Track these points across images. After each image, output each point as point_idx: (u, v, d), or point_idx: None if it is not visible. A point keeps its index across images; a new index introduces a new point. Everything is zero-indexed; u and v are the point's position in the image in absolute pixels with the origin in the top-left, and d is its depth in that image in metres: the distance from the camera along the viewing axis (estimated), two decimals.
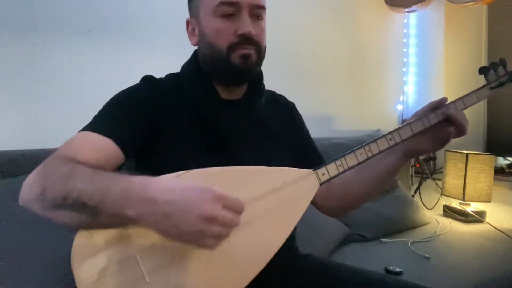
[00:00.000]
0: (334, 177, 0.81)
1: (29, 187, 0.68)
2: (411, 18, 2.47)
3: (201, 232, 0.58)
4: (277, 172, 0.78)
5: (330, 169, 0.81)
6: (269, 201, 0.74)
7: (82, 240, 0.66)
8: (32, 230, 1.00)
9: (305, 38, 2.09)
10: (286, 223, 0.75)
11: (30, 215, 0.67)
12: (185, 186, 0.61)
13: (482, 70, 0.89)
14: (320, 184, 0.80)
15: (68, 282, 0.65)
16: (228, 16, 0.81)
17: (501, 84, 0.88)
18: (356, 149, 0.82)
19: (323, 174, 0.80)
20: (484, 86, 0.89)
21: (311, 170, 0.80)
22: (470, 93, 0.88)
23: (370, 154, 0.82)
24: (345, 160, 0.81)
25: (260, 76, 0.94)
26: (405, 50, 2.48)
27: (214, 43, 0.83)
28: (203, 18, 0.84)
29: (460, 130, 0.85)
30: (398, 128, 0.84)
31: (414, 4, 2.18)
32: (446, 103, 0.87)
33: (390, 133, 0.84)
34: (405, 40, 2.48)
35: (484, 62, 2.42)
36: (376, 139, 0.83)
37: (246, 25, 0.81)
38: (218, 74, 0.87)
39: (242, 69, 0.83)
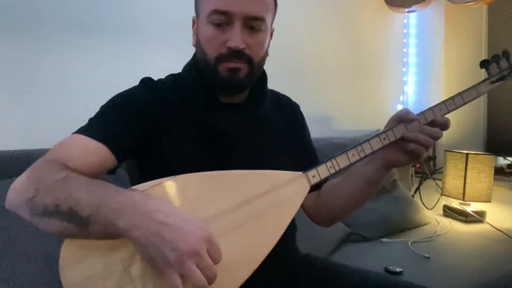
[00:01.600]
0: (325, 179, 0.80)
1: (18, 191, 0.66)
2: (411, 18, 2.47)
3: (180, 262, 0.58)
4: (266, 175, 0.77)
5: (321, 171, 0.79)
6: (258, 205, 0.73)
7: (70, 245, 0.66)
8: (28, 231, 1.00)
9: (305, 38, 2.09)
10: (275, 226, 0.74)
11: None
12: (184, 216, 0.62)
13: (484, 64, 0.85)
14: (311, 186, 0.79)
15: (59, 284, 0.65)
16: (220, 25, 0.79)
17: (503, 78, 0.84)
18: (348, 149, 0.80)
19: (313, 176, 0.79)
20: (485, 80, 0.85)
21: (301, 172, 0.79)
22: (470, 88, 0.84)
23: (362, 155, 0.80)
24: (336, 161, 0.79)
25: (263, 81, 0.92)
26: (405, 50, 2.48)
27: (205, 50, 0.82)
28: (200, 23, 0.83)
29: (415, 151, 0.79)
30: (392, 127, 0.81)
31: (414, 4, 2.18)
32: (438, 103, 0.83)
33: (383, 132, 0.81)
34: (405, 40, 2.48)
35: None
36: (369, 138, 0.80)
37: (236, 39, 0.78)
38: (208, 81, 0.85)
39: (229, 82, 0.82)
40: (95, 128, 0.77)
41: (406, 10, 2.26)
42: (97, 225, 0.61)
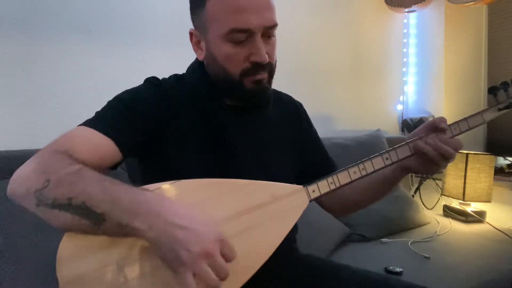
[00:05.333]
0: (324, 194, 0.80)
1: (23, 181, 0.65)
2: (411, 18, 2.47)
3: (193, 263, 0.59)
4: (267, 186, 0.77)
5: (321, 186, 0.79)
6: (256, 216, 0.73)
7: (68, 243, 0.65)
8: (28, 230, 1.00)
9: (305, 38, 2.09)
10: (271, 238, 0.74)
11: (28, 216, 0.65)
12: (198, 219, 0.63)
13: (492, 90, 0.85)
14: (310, 201, 0.79)
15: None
16: (240, 42, 0.78)
17: (510, 105, 0.85)
18: (350, 166, 0.80)
19: (313, 191, 0.79)
20: (492, 106, 0.85)
21: (301, 186, 0.79)
22: (476, 113, 0.84)
23: (364, 173, 0.81)
24: (337, 177, 0.79)
25: None
26: (405, 50, 2.48)
27: (226, 67, 0.80)
28: (213, 40, 0.80)
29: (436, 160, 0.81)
30: (396, 147, 0.83)
31: (414, 4, 2.18)
32: (447, 123, 0.84)
33: (387, 151, 0.83)
34: (405, 40, 2.48)
35: (484, 62, 2.42)
36: (372, 157, 0.81)
37: (261, 54, 0.77)
38: (231, 95, 0.85)
39: (255, 93, 0.82)
40: (101, 121, 0.77)
41: (406, 10, 2.26)
42: (110, 223, 0.61)
